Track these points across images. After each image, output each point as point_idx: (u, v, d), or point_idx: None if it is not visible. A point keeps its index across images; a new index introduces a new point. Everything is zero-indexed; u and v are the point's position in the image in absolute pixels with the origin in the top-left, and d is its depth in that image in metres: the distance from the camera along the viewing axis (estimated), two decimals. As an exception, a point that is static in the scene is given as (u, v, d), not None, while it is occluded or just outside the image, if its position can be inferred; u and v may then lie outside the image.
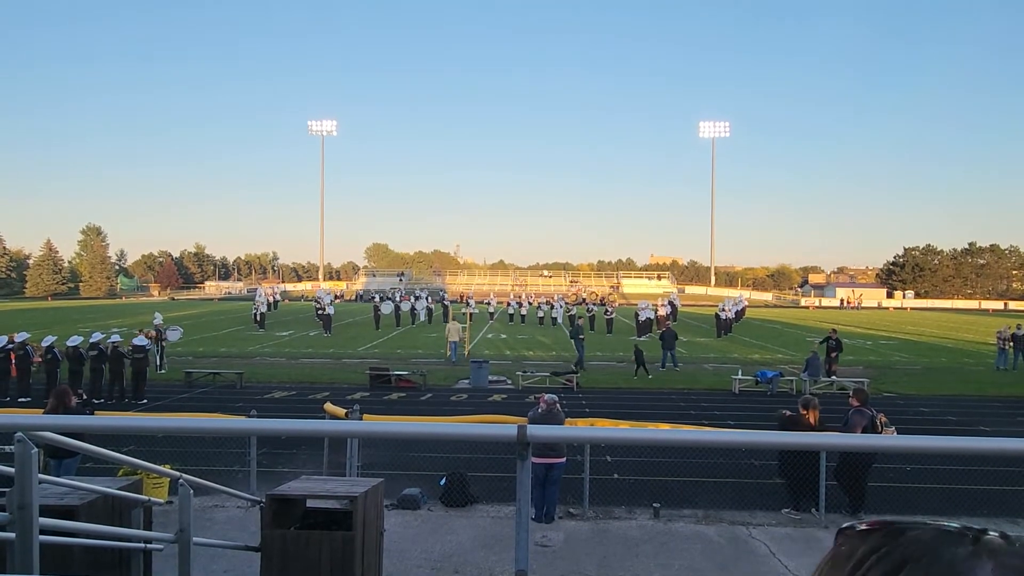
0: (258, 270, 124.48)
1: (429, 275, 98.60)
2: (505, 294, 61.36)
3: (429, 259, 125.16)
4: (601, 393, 18.14)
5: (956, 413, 15.89)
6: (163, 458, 8.25)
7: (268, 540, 4.88)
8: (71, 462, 8.45)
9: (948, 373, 22.84)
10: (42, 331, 23.23)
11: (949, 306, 79.32)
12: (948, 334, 39.65)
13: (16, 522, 2.64)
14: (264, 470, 9.63)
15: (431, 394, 17.72)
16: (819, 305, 78.00)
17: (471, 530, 7.85)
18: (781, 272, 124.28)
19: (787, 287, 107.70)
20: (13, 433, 2.69)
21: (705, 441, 2.30)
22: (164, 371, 20.71)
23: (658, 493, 9.13)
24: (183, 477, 4.05)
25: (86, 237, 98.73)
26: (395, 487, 8.53)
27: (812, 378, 18.70)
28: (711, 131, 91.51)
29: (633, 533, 7.91)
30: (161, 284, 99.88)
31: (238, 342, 29.96)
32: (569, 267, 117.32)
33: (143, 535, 4.05)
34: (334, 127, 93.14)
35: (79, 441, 3.28)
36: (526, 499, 1.78)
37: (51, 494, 4.38)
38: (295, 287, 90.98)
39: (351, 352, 26.61)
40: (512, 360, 24.25)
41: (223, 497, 8.48)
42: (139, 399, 16.40)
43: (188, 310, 52.55)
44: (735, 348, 29.77)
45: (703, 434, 2.44)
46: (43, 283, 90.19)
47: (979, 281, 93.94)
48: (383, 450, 11.01)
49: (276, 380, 19.46)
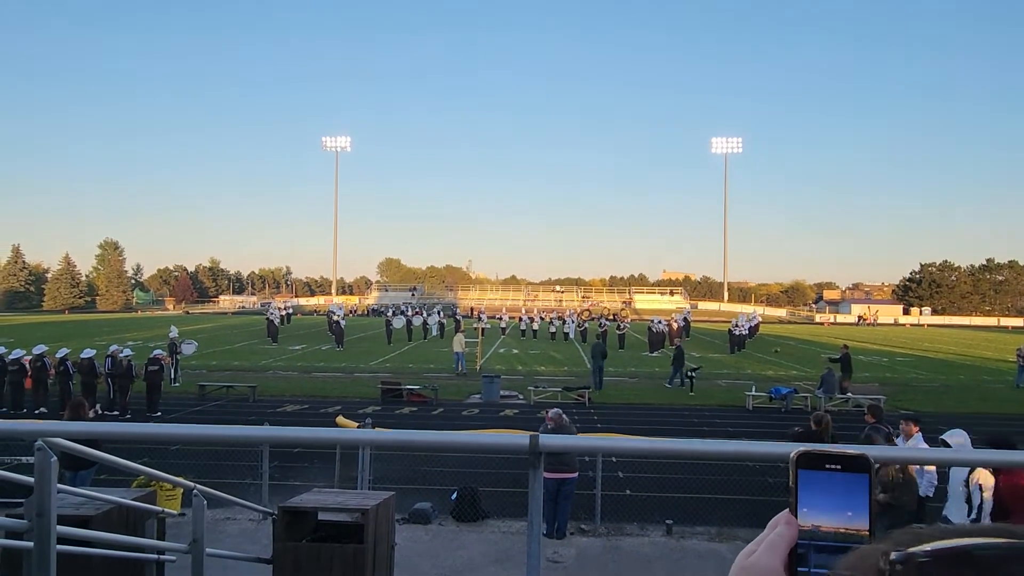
0: (271, 284, 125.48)
1: (441, 290, 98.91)
2: (517, 309, 61.42)
3: (441, 274, 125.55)
4: (613, 409, 18.04)
5: (975, 432, 15.61)
6: (176, 471, 8.27)
7: (280, 552, 4.90)
8: (86, 473, 8.52)
9: (967, 391, 22.49)
10: (59, 344, 23.52)
11: (967, 323, 78.28)
12: (966, 351, 39.09)
13: (35, 530, 2.67)
14: (275, 483, 9.65)
15: (443, 408, 17.70)
16: (834, 321, 77.27)
17: (482, 545, 7.81)
18: (795, 288, 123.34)
19: (801, 303, 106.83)
20: (32, 441, 2.73)
21: (718, 452, 2.28)
22: (178, 384, 20.87)
23: (671, 510, 9.04)
24: (197, 487, 4.08)
25: (103, 251, 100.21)
26: (406, 501, 8.52)
27: (827, 395, 18.49)
28: (723, 147, 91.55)
29: (645, 550, 7.84)
30: (176, 298, 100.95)
31: (251, 356, 30.15)
32: (581, 282, 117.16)
33: (157, 545, 4.08)
34: (348, 143, 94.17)
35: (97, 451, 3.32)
36: (538, 509, 1.79)
37: (67, 504, 4.42)
38: (308, 301, 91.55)
39: (363, 366, 26.68)
40: (524, 375, 24.19)
41: (235, 510, 8.50)
42: (153, 412, 16.53)
43: (202, 324, 53.01)
44: (749, 364, 29.53)
45: (716, 444, 2.43)
46: (61, 297, 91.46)
47: (998, 298, 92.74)
48: (394, 464, 11.00)
49: (288, 394, 19.54)
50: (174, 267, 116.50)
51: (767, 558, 0.60)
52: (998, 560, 0.41)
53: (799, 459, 0.62)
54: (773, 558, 0.60)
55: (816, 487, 0.61)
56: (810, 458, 0.62)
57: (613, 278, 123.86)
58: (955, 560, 0.42)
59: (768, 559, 0.60)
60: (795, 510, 0.61)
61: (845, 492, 0.60)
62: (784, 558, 0.59)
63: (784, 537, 0.60)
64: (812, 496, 0.61)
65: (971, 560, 0.42)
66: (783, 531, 0.61)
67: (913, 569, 0.43)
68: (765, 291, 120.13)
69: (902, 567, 0.44)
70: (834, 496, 0.60)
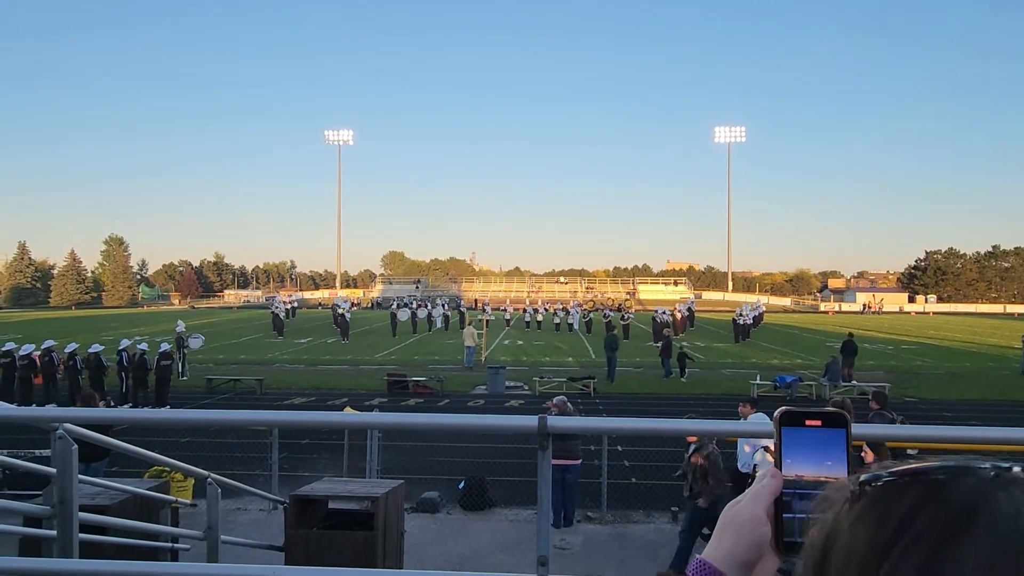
0: (276, 279, 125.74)
1: (445, 282, 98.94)
2: (521, 301, 61.45)
3: (445, 266, 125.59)
4: (618, 398, 18.11)
5: (980, 418, 15.64)
6: (187, 462, 8.39)
7: (292, 539, 4.98)
8: (98, 465, 8.61)
9: (972, 378, 22.48)
10: (66, 340, 23.69)
11: (973, 310, 77.98)
12: (972, 338, 39.01)
13: (57, 516, 2.74)
14: (285, 474, 9.75)
15: (448, 400, 17.80)
16: (839, 310, 77.08)
17: (489, 533, 7.90)
18: (800, 277, 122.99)
19: (806, 292, 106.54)
20: (52, 429, 2.80)
21: (721, 430, 2.33)
22: (186, 378, 21.02)
23: (677, 497, 9.09)
24: (211, 476, 4.16)
25: (109, 247, 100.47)
26: (414, 491, 8.61)
27: (832, 383, 18.52)
28: (727, 136, 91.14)
29: (651, 537, 7.92)
30: (181, 293, 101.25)
31: (257, 349, 30.30)
32: (585, 273, 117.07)
33: (172, 532, 4.17)
34: (350, 136, 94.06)
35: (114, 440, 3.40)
36: (547, 488, 1.85)
37: (83, 494, 4.52)
38: (312, 295, 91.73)
39: (369, 359, 26.80)
40: (529, 366, 24.28)
41: (245, 500, 8.61)
42: (162, 406, 16.66)
43: (208, 318, 53.22)
44: (753, 353, 29.55)
45: (719, 424, 2.48)
46: (67, 293, 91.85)
47: (1003, 284, 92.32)
48: (402, 454, 11.10)
49: (295, 387, 19.67)
50: (179, 262, 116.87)
51: (751, 507, 0.67)
52: (949, 475, 0.49)
53: (782, 417, 0.68)
54: (757, 506, 0.66)
55: (798, 442, 0.67)
56: (792, 416, 0.68)
57: (617, 269, 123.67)
58: (914, 476, 0.50)
59: (752, 508, 0.67)
60: (779, 463, 0.67)
61: (825, 445, 0.67)
62: (768, 506, 0.66)
63: (768, 487, 0.67)
64: (794, 450, 0.67)
65: (927, 476, 0.49)
66: (768, 482, 0.67)
67: (879, 488, 0.51)
68: (769, 280, 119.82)
69: (870, 487, 0.51)
70: (815, 449, 0.66)
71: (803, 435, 0.67)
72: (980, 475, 0.48)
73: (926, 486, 0.48)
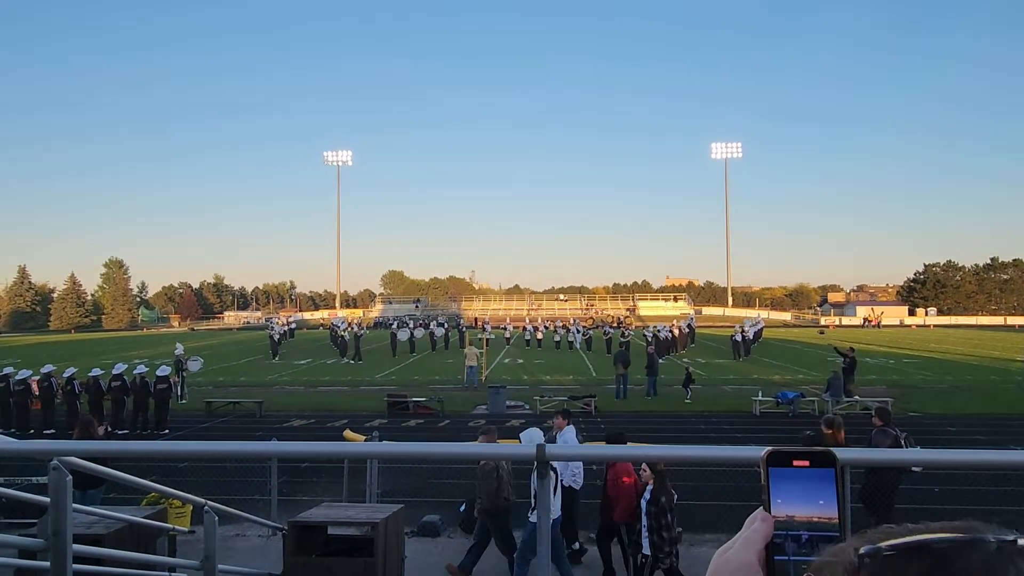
0: (276, 299, 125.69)
1: (445, 301, 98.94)
2: (521, 319, 61.33)
3: (445, 285, 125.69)
4: (620, 417, 17.99)
5: (985, 432, 15.55)
6: (184, 488, 8.28)
7: (291, 567, 4.92)
8: (95, 492, 8.52)
9: (975, 391, 22.38)
10: (66, 364, 23.60)
11: (973, 323, 77.90)
12: (973, 351, 38.90)
13: (51, 549, 2.70)
14: (284, 498, 9.65)
15: (449, 420, 17.70)
16: (839, 324, 76.95)
17: (491, 557, 7.79)
18: (799, 291, 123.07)
19: (806, 306, 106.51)
20: (46, 460, 2.77)
21: (724, 457, 2.31)
22: (185, 401, 20.92)
23: (680, 517, 8.99)
24: (208, 504, 4.11)
25: (108, 270, 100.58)
26: (415, 514, 8.52)
27: (834, 398, 18.42)
28: (723, 152, 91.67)
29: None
30: (181, 315, 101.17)
31: (257, 371, 30.20)
32: (584, 290, 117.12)
33: (169, 562, 4.11)
34: (349, 157, 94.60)
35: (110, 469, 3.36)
36: (547, 515, 1.82)
37: (79, 523, 4.46)
38: (312, 315, 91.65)
39: (368, 379, 26.70)
40: (530, 385, 24.17)
41: (244, 526, 8.51)
42: (161, 429, 16.56)
43: (208, 340, 53.12)
44: (755, 369, 29.44)
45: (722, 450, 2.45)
46: (67, 316, 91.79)
47: (1003, 297, 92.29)
48: (402, 477, 11.00)
49: (295, 408, 19.56)
50: (179, 284, 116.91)
51: (742, 552, 0.64)
52: (952, 550, 0.47)
53: (769, 458, 0.66)
54: (748, 552, 0.64)
55: (787, 482, 0.65)
56: (779, 456, 0.66)
57: (616, 285, 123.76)
58: (916, 551, 0.48)
59: (743, 553, 0.64)
60: (768, 506, 0.65)
61: (814, 485, 0.65)
62: (759, 552, 0.64)
63: (759, 532, 0.65)
64: (784, 490, 0.65)
65: (930, 551, 0.48)
66: (759, 527, 0.65)
67: (880, 561, 0.49)
68: (769, 295, 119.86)
69: (870, 560, 0.50)
70: (805, 489, 0.64)
71: (792, 475, 0.65)
72: (985, 549, 0.47)
73: (931, 561, 0.47)
